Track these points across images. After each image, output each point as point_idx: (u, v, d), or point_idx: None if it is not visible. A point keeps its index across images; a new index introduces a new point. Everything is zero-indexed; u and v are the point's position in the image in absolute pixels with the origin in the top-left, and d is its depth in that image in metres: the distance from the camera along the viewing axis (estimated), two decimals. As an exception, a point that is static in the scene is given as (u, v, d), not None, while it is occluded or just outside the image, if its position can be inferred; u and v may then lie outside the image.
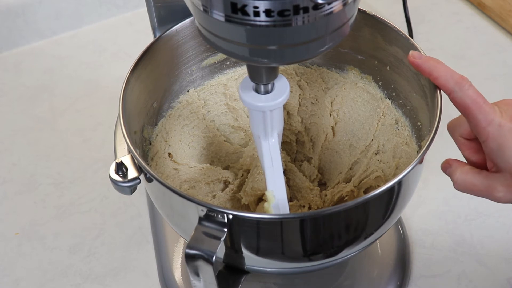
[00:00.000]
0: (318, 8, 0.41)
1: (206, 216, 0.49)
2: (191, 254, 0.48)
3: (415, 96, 0.62)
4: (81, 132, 0.86)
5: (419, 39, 0.96)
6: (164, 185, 0.50)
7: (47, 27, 0.99)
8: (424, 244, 0.71)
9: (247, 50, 0.45)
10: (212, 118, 0.70)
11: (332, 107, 0.69)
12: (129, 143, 0.53)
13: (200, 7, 0.43)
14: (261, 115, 0.53)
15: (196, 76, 0.69)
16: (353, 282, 0.67)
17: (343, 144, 0.68)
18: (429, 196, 0.76)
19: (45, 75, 0.95)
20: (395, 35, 0.61)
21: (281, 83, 0.53)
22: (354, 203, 0.49)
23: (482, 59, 0.93)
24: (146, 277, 0.70)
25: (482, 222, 0.73)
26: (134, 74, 0.59)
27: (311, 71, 0.71)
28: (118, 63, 0.96)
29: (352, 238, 0.53)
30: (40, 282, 0.70)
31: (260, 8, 0.41)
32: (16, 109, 0.90)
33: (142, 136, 0.63)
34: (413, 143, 0.63)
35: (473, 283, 0.68)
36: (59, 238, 0.74)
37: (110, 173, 0.54)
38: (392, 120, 0.65)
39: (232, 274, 0.55)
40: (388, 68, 0.65)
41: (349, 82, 0.69)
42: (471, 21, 1.00)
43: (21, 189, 0.79)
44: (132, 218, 0.75)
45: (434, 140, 0.52)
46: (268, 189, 0.56)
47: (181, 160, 0.65)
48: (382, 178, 0.63)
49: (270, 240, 0.51)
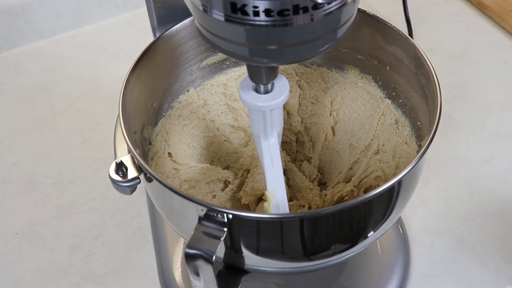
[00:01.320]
0: (317, 7, 0.41)
1: (206, 216, 0.49)
2: (191, 254, 0.48)
3: (415, 96, 0.62)
4: (81, 132, 0.86)
5: (419, 39, 0.96)
6: (164, 185, 0.50)
7: (47, 27, 0.99)
8: (424, 244, 0.71)
9: (247, 50, 0.45)
10: (212, 118, 0.70)
11: (332, 107, 0.69)
12: (129, 143, 0.53)
13: (199, 7, 0.44)
14: (261, 115, 0.53)
15: (196, 76, 0.69)
16: (353, 282, 0.67)
17: (343, 144, 0.68)
18: (429, 196, 0.76)
19: (45, 75, 0.95)
20: (395, 35, 0.61)
21: (281, 83, 0.53)
22: (354, 203, 0.49)
23: (482, 59, 0.93)
24: (146, 277, 0.70)
25: (482, 221, 0.73)
26: (134, 74, 0.59)
27: (311, 71, 0.71)
28: (118, 63, 0.96)
29: (352, 237, 0.53)
30: (40, 282, 0.70)
31: (260, 8, 0.41)
32: (16, 109, 0.90)
33: (142, 136, 0.63)
34: (413, 142, 0.63)
35: (473, 283, 0.68)
36: (59, 238, 0.74)
37: (110, 173, 0.54)
38: (392, 120, 0.65)
39: (232, 274, 0.55)
40: (388, 68, 0.65)
41: (349, 82, 0.69)
42: (471, 21, 1.00)
43: (21, 189, 0.80)
44: (132, 218, 0.76)
45: (434, 139, 0.52)
46: (268, 189, 0.56)
47: (181, 160, 0.65)
48: (382, 177, 0.63)
49: (270, 240, 0.52)
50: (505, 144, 0.81)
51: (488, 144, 0.81)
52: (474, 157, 0.80)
